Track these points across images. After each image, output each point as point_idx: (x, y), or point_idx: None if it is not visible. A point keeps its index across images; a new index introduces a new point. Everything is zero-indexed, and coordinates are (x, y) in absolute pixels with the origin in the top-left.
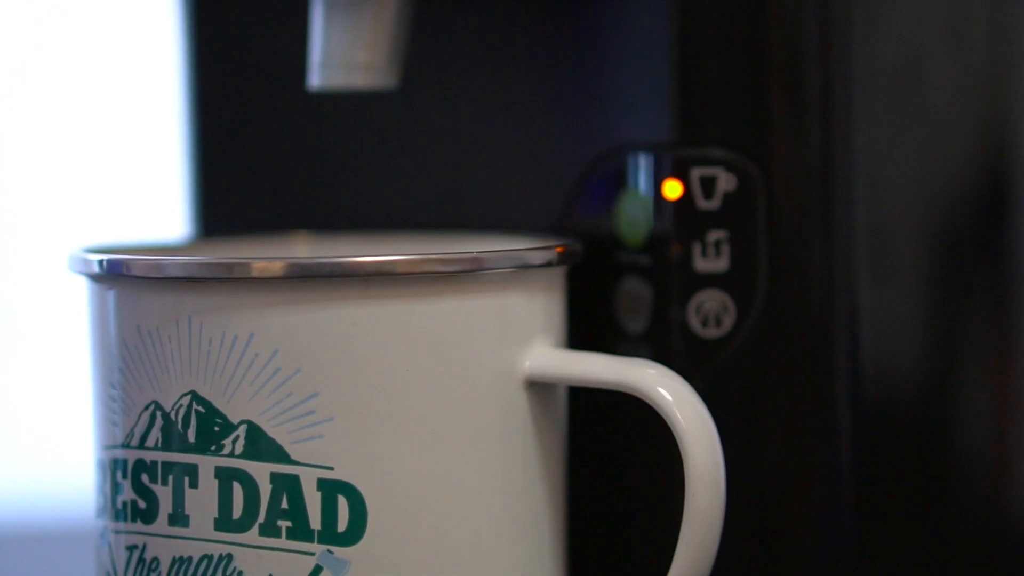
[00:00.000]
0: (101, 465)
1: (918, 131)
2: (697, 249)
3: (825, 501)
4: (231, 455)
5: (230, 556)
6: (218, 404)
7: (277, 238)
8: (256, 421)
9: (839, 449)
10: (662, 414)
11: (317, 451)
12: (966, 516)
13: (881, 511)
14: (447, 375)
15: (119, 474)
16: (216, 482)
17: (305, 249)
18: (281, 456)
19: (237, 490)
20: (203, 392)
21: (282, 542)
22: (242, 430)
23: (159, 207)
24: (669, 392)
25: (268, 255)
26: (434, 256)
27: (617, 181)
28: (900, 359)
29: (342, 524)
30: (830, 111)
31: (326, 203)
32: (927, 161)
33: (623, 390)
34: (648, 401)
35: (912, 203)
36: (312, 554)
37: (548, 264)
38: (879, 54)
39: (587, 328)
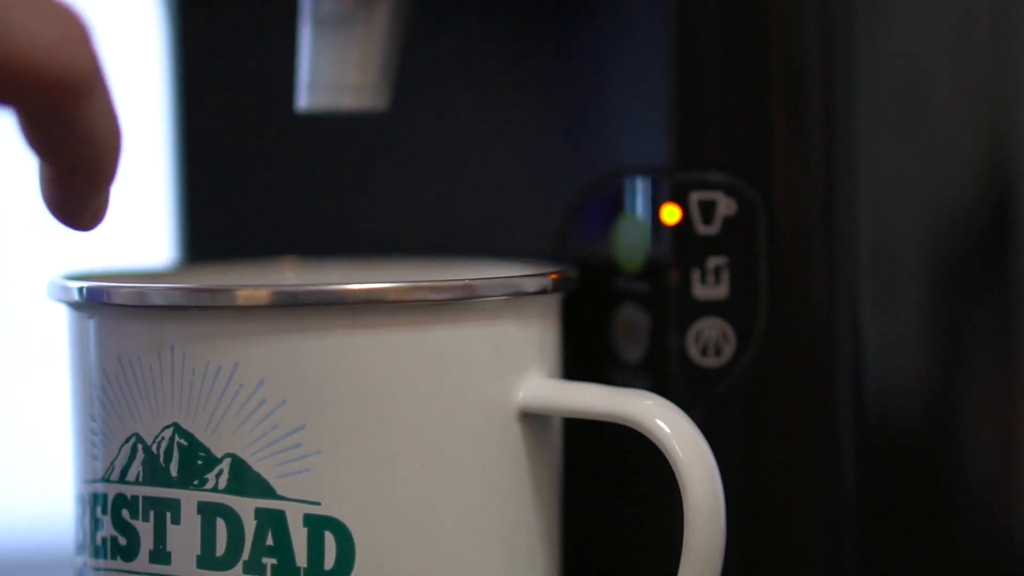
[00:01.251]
0: (81, 500)
1: (922, 150)
2: (696, 275)
3: (829, 534)
4: (215, 490)
5: None
6: (201, 437)
7: (264, 264)
8: (240, 454)
9: (843, 480)
10: (660, 447)
11: (303, 485)
12: (972, 543)
13: (886, 542)
14: (438, 407)
15: (99, 509)
16: (199, 518)
17: (292, 276)
18: (266, 491)
19: (221, 526)
20: (186, 424)
21: None
22: (226, 464)
23: (144, 231)
24: (667, 424)
25: (254, 282)
26: (425, 283)
27: (614, 205)
28: (904, 385)
29: (329, 561)
30: (832, 132)
31: (315, 228)
32: (931, 181)
33: (620, 422)
34: (646, 433)
35: (916, 224)
36: None
37: (543, 291)
38: (882, 73)
39: (583, 357)
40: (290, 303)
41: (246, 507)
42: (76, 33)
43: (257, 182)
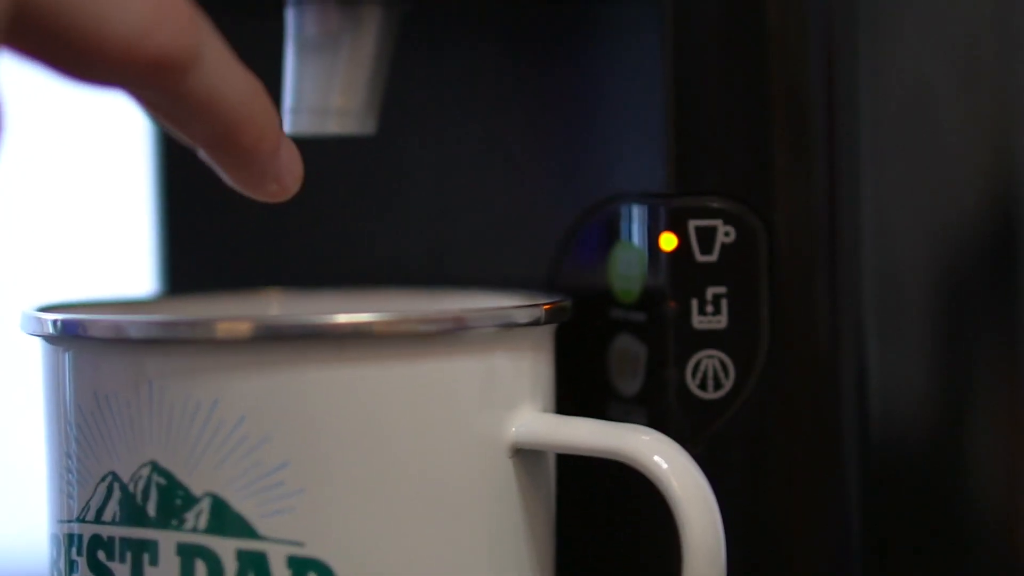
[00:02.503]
0: (55, 540)
1: (927, 174)
2: (695, 305)
3: (834, 573)
4: (194, 530)
5: None
6: (180, 475)
7: (247, 296)
8: (221, 493)
9: (848, 517)
10: (657, 484)
11: (287, 526)
12: (980, 574)
13: None
14: (427, 443)
15: (74, 550)
16: (178, 559)
17: (276, 308)
18: (248, 531)
19: (200, 568)
20: (164, 462)
21: None
22: (206, 503)
23: (125, 261)
24: (665, 460)
25: (235, 314)
26: (413, 315)
27: (609, 233)
28: (911, 416)
29: None
30: (835, 158)
31: (300, 258)
32: (936, 205)
33: (616, 458)
34: (642, 471)
35: (921, 249)
36: None
37: (535, 322)
38: (886, 96)
39: (578, 390)
40: (273, 336)
41: (227, 548)
42: (171, 9)
43: (242, 211)
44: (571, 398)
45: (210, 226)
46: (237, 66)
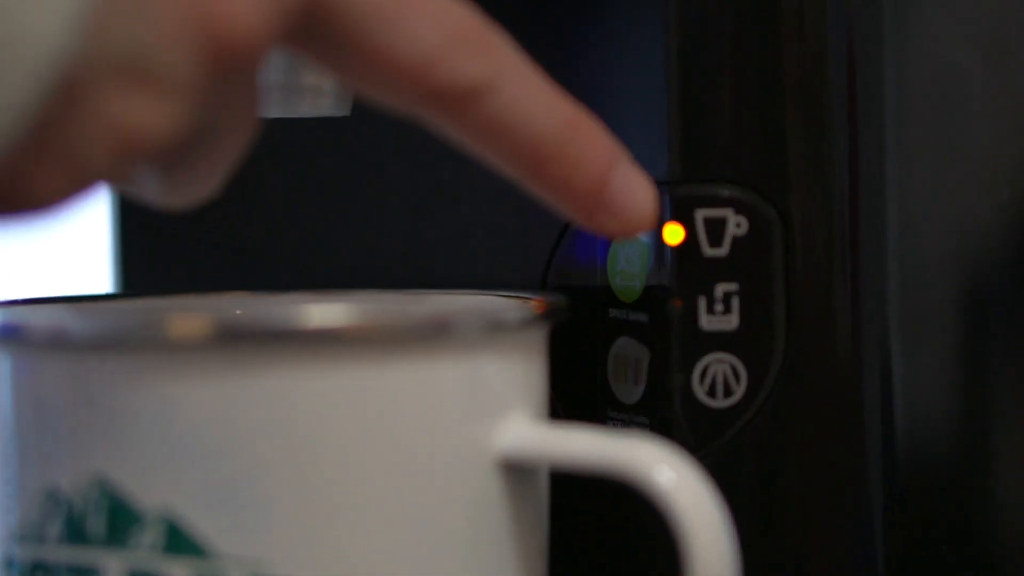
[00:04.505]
0: None
1: (958, 165)
2: (703, 304)
3: None
4: (147, 550)
5: None
6: (131, 489)
7: (210, 296)
8: (177, 510)
9: (871, 539)
10: (659, 506)
11: (250, 545)
12: None
13: None
14: (406, 456)
15: (14, 573)
16: None
17: (241, 309)
18: (206, 551)
19: None
20: (114, 475)
21: None
22: (160, 521)
23: (81, 258)
24: (667, 476)
25: (192, 314)
26: (390, 317)
27: None
28: (939, 430)
29: None
30: (857, 143)
31: (270, 256)
32: (966, 200)
33: (612, 476)
34: (641, 488)
35: (949, 248)
36: None
37: (526, 324)
38: (913, 78)
39: (573, 398)
40: (233, 338)
41: (183, 570)
42: (466, 35)
43: (207, 204)
44: (566, 407)
45: (172, 221)
46: (546, 93)
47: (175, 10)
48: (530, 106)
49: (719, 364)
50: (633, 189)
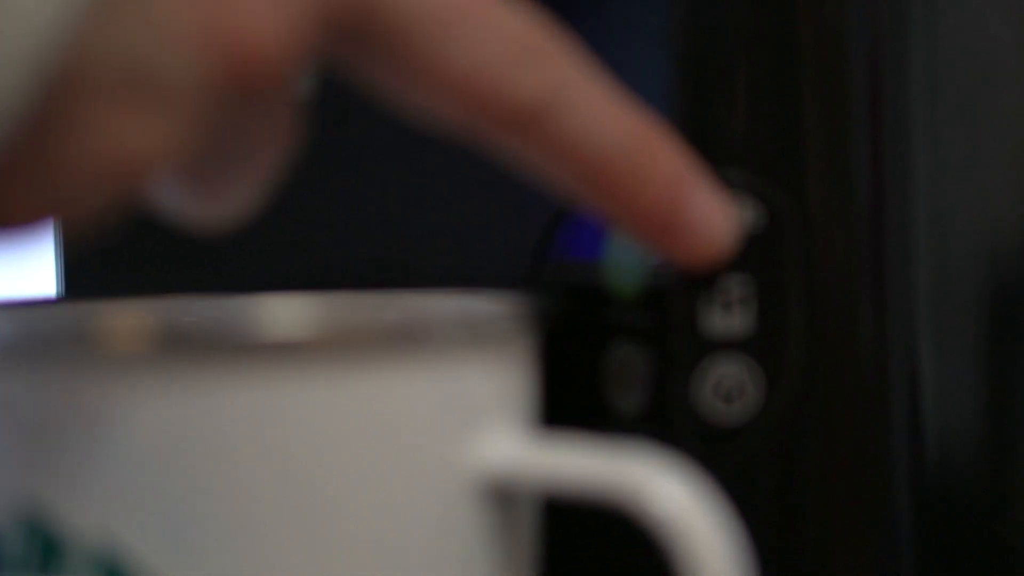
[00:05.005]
0: None
1: (994, 151)
2: (711, 304)
3: None
4: None
5: None
6: (65, 515)
7: (160, 300)
8: (116, 538)
9: (898, 561)
10: (657, 532)
11: (195, 573)
12: None
13: None
14: (372, 478)
15: None
16: None
17: (191, 314)
18: None
19: None
20: (45, 500)
21: None
22: (97, 550)
23: (24, 260)
24: (668, 498)
25: (131, 320)
26: (355, 324)
27: None
28: (973, 443)
29: None
30: (881, 125)
31: (233, 252)
32: (1004, 191)
33: (604, 497)
34: (635, 513)
35: (984, 244)
36: None
37: (511, 328)
38: (945, 53)
39: (566, 410)
40: (178, 348)
41: None
42: (525, 50)
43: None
44: (559, 420)
45: (128, 221)
46: (613, 105)
47: (183, 21)
48: (596, 121)
49: (731, 371)
50: (707, 211)
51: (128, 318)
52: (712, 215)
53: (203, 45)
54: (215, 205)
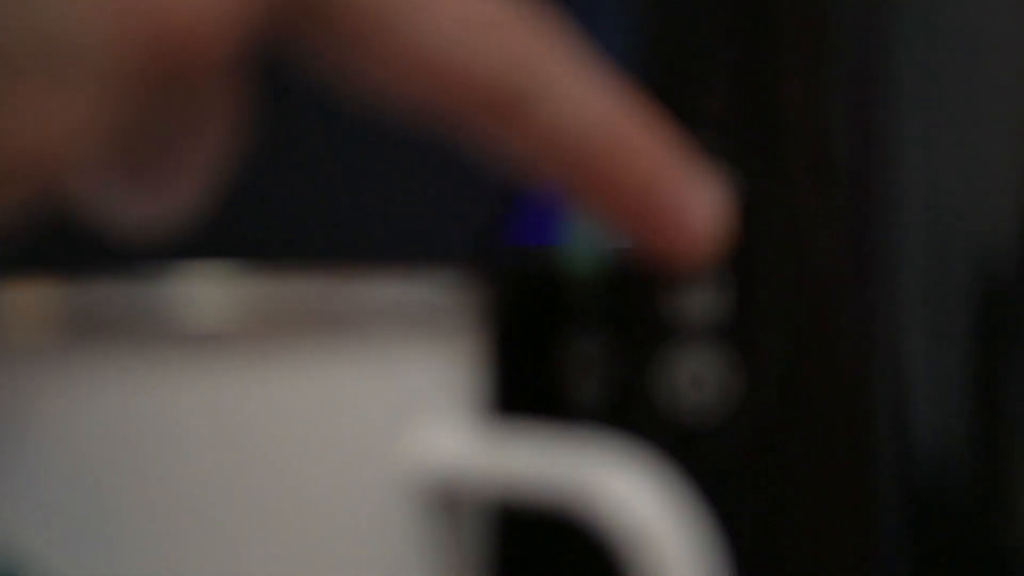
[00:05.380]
0: None
1: (990, 123)
2: (682, 287)
3: None
4: None
5: None
6: None
7: (70, 284)
8: (22, 551)
9: (888, 566)
10: (615, 545)
11: None
12: None
13: None
14: (302, 480)
15: None
16: None
17: (98, 297)
18: None
19: None
20: None
21: None
22: (1, 557)
23: None
24: (626, 505)
25: (29, 304)
26: (279, 310)
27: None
28: (960, 440)
29: None
30: (870, 86)
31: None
32: (998, 165)
33: (554, 502)
34: (590, 521)
35: (978, 222)
36: None
37: (456, 315)
38: (940, 22)
39: (520, 405)
40: (88, 335)
41: None
42: (507, 25)
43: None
44: (510, 417)
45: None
46: (592, 86)
47: None
48: (576, 101)
49: (705, 362)
50: (692, 198)
51: (32, 302)
52: (698, 202)
53: (124, 18)
54: (153, 201)
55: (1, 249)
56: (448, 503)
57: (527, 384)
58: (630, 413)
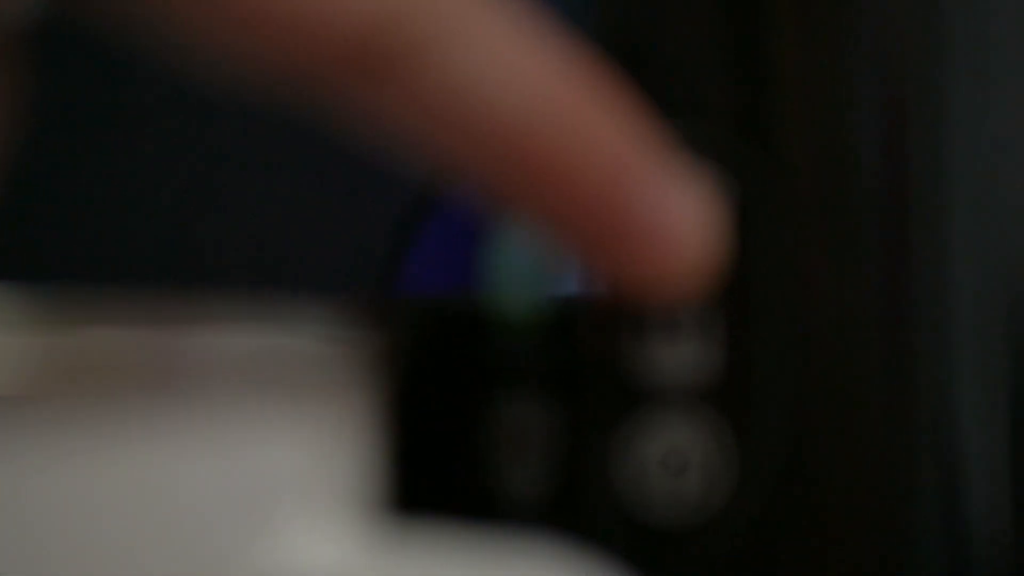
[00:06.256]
0: None
1: None
2: (652, 331)
3: None
4: None
5: None
6: None
7: None
8: None
9: None
10: None
11: None
12: None
13: None
14: None
15: None
16: None
17: None
18: None
19: None
20: None
21: None
22: None
23: None
24: None
25: None
26: (84, 360)
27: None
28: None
29: None
30: (892, 60)
31: None
32: None
33: None
34: None
35: None
36: None
37: (340, 373)
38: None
39: (426, 497)
40: None
41: None
42: None
43: None
44: (419, 507)
45: None
46: (527, 47)
47: None
48: (502, 66)
49: (684, 436)
50: (671, 211)
51: None
52: (679, 213)
53: None
54: None
55: None
56: None
57: (438, 468)
58: (582, 507)
